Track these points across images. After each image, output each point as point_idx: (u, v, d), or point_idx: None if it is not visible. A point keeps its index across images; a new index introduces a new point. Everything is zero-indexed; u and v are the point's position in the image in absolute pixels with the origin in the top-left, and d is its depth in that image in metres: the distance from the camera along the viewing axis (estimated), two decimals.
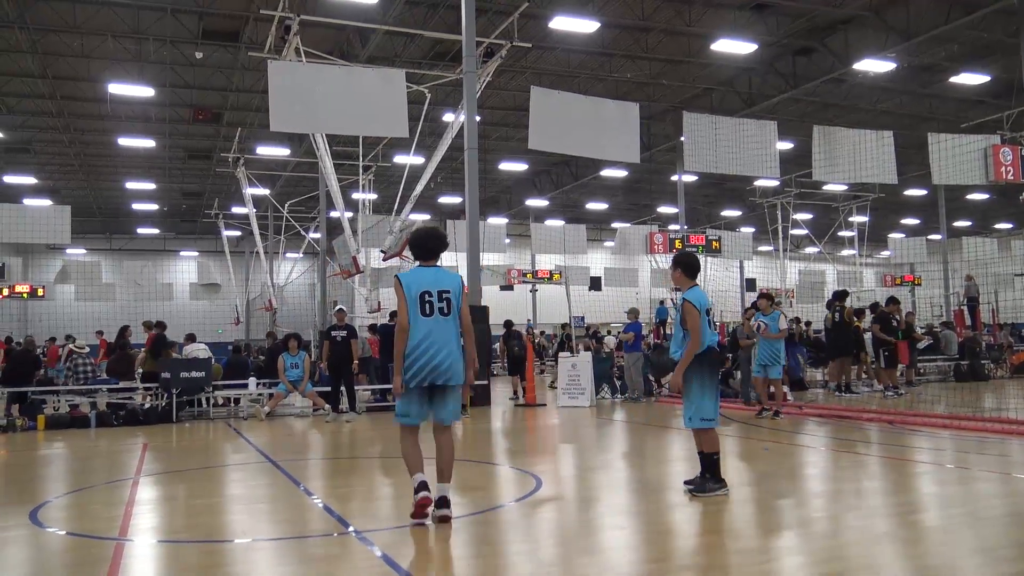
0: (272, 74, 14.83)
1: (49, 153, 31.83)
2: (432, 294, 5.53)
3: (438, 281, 5.60)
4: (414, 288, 5.55)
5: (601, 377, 16.66)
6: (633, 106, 17.43)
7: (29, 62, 22.38)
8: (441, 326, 5.55)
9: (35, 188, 35.29)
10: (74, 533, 5.94)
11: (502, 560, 5.02)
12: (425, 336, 5.51)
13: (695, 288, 6.66)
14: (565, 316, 22.50)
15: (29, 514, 6.38)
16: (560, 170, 35.74)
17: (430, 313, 5.52)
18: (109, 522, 6.14)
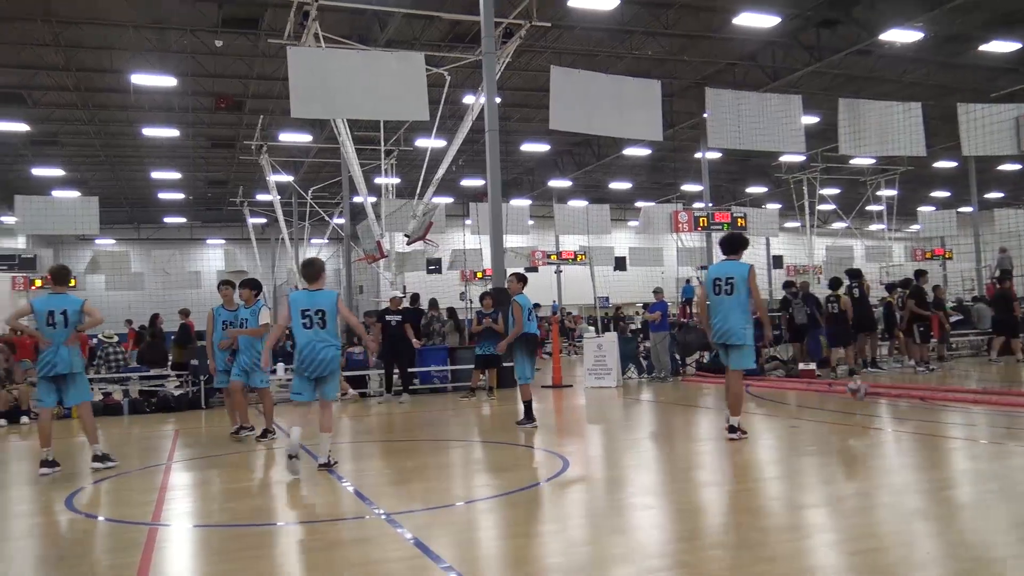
0: (292, 60, 14.83)
1: (76, 145, 32.16)
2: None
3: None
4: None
5: (627, 357, 16.61)
6: (655, 83, 17.24)
7: (53, 55, 22.56)
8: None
9: (63, 180, 35.72)
10: (109, 518, 6.05)
11: (532, 540, 5.03)
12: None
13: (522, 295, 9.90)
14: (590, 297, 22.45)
15: (65, 500, 6.49)
16: (582, 150, 35.52)
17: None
18: (143, 507, 6.24)
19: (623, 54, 24.24)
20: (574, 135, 30.99)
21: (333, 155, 28.40)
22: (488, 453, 8.74)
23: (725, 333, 8.09)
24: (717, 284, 8.18)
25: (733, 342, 8.07)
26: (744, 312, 8.06)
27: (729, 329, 8.06)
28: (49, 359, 7.71)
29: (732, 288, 8.04)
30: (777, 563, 4.27)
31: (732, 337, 8.05)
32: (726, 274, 8.15)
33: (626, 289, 35.61)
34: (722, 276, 8.17)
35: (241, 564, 4.67)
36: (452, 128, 20.29)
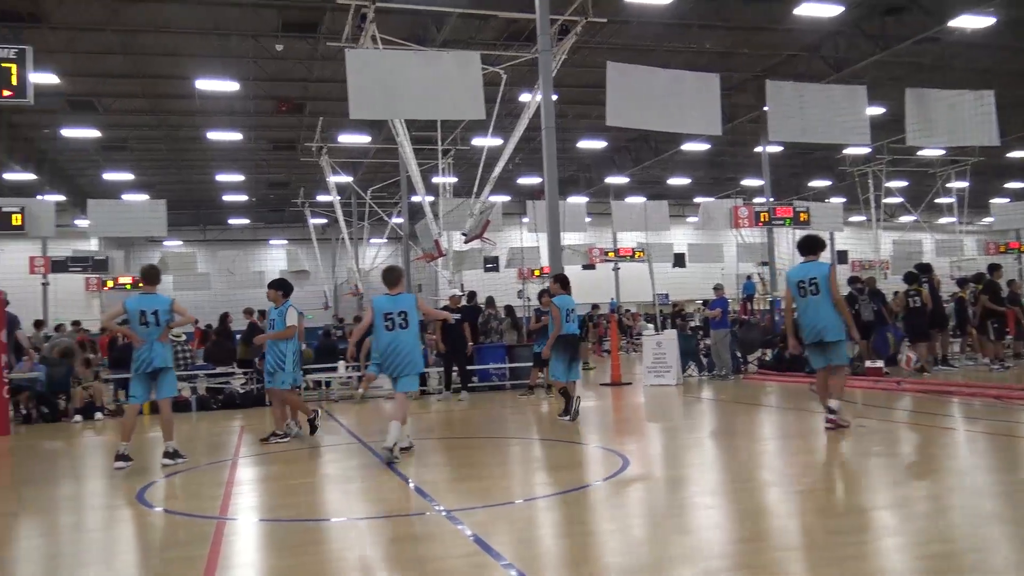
0: (350, 63, 15.02)
1: (144, 149, 33.14)
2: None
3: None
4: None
5: (687, 355, 16.42)
6: (713, 77, 16.97)
7: (122, 63, 23.30)
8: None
9: (132, 184, 36.86)
10: (178, 512, 6.22)
11: (591, 539, 5.01)
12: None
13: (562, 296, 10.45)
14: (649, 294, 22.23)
15: (136, 494, 6.70)
16: (639, 146, 35.21)
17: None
18: (211, 501, 6.40)
19: (680, 48, 23.95)
20: (631, 131, 30.75)
21: (391, 155, 28.72)
22: (547, 451, 8.73)
23: (821, 331, 8.23)
24: (801, 286, 8.38)
25: (830, 338, 8.22)
26: (833, 308, 8.22)
27: (824, 326, 8.21)
28: (145, 356, 8.08)
29: (817, 288, 8.25)
30: (845, 566, 4.17)
31: (828, 333, 8.20)
32: (808, 275, 8.35)
33: (685, 286, 35.18)
34: (805, 278, 8.37)
35: (305, 559, 4.75)
36: (508, 126, 20.33)
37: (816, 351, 8.46)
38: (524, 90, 22.41)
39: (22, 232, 23.76)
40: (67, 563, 5.02)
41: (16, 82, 11.95)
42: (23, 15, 19.82)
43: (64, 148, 31.79)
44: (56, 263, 33.91)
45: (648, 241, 31.05)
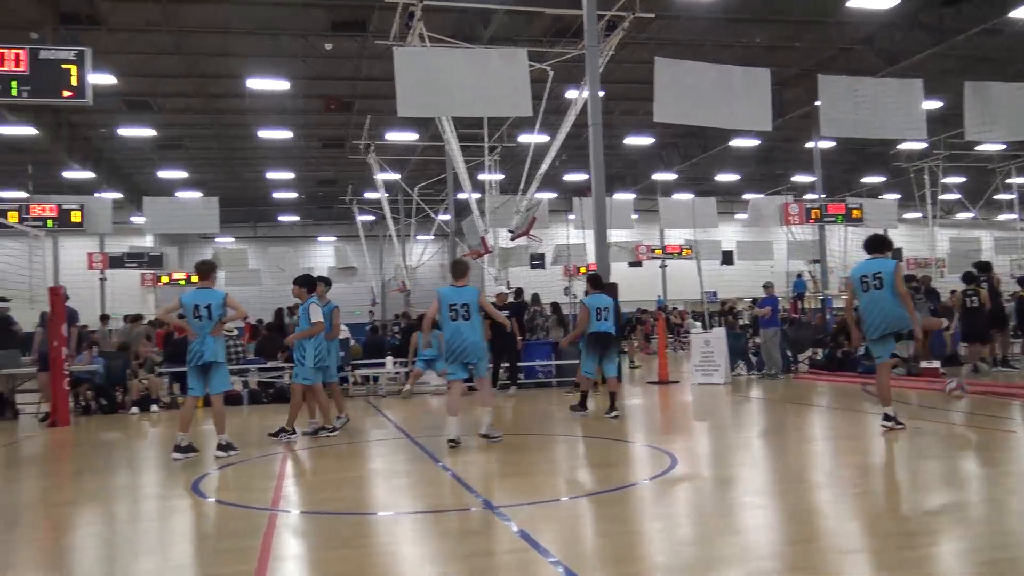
0: (398, 61, 15.13)
1: (197, 148, 33.83)
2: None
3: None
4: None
5: (736, 353, 16.23)
6: (763, 72, 16.72)
7: (176, 63, 23.82)
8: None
9: (186, 181, 37.66)
10: (232, 503, 6.35)
11: (638, 538, 4.98)
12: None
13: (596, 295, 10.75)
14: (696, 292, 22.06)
15: (191, 485, 6.85)
16: (688, 142, 34.85)
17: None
18: (263, 493, 6.51)
19: (730, 43, 23.64)
20: (679, 127, 30.36)
21: (438, 152, 28.89)
22: (594, 448, 8.71)
23: (890, 323, 8.16)
24: (864, 281, 8.31)
25: (903, 327, 8.19)
26: (896, 303, 8.16)
27: (893, 319, 8.14)
28: (197, 349, 8.24)
29: (881, 282, 8.18)
30: (900, 571, 4.08)
31: (901, 323, 8.16)
32: (873, 270, 8.29)
33: (734, 284, 34.74)
34: (869, 272, 8.31)
35: (354, 551, 4.81)
36: (555, 123, 20.28)
37: (882, 343, 8.33)
38: (571, 86, 22.32)
39: (81, 229, 24.49)
40: (123, 551, 5.16)
41: (76, 83, 12.28)
42: (82, 18, 20.37)
43: (121, 147, 32.60)
44: (113, 259, 34.85)
45: (696, 238, 30.71)
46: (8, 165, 30.17)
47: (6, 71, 12.07)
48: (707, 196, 33.33)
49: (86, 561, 5.04)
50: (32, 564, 4.92)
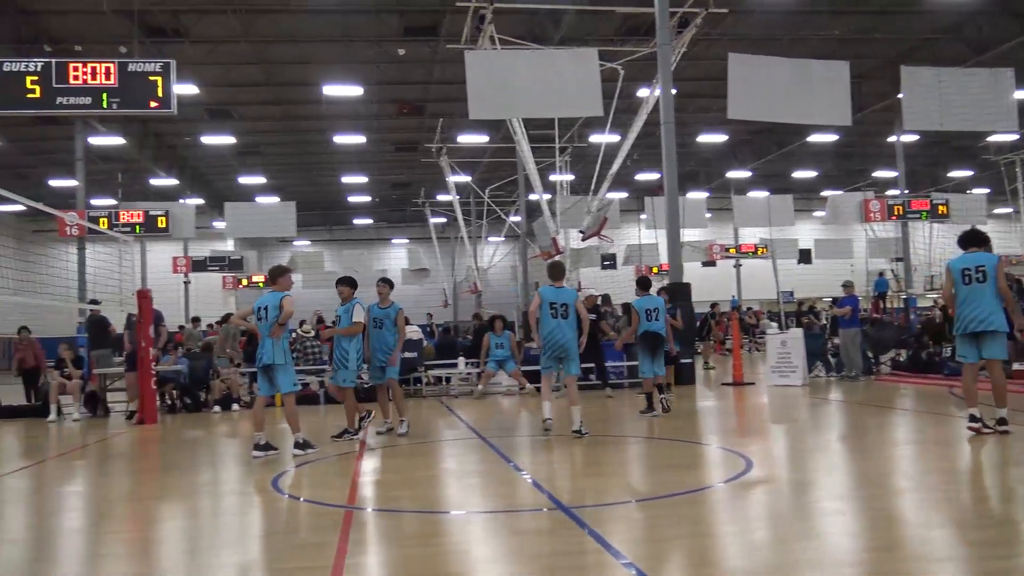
0: (469, 64, 15.26)
1: (275, 154, 34.77)
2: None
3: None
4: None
5: (814, 354, 15.81)
6: (842, 65, 16.25)
7: (255, 72, 24.54)
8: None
9: (265, 187, 38.74)
10: (309, 500, 6.49)
11: (712, 541, 4.90)
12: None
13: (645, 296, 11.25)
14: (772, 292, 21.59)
15: (271, 481, 7.04)
16: (763, 139, 34.14)
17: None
18: (339, 491, 6.65)
19: (807, 36, 23.07)
20: (753, 124, 29.73)
21: (509, 154, 29.00)
22: (667, 450, 8.61)
23: (983, 320, 7.90)
24: (966, 274, 8.06)
25: (992, 328, 7.90)
26: (998, 300, 7.93)
27: (988, 316, 7.89)
28: (259, 351, 8.49)
29: (984, 276, 7.95)
30: None
31: (992, 323, 7.89)
32: (976, 263, 8.05)
33: (811, 283, 33.89)
34: (971, 265, 8.07)
35: (428, 549, 4.86)
36: (626, 122, 20.13)
37: (970, 343, 8.04)
38: (642, 85, 22.12)
39: (166, 234, 25.42)
40: (206, 545, 5.33)
41: (162, 94, 12.77)
42: (167, 31, 21.18)
43: (203, 154, 33.77)
44: (196, 263, 36.09)
45: (772, 237, 30.06)
46: (99, 174, 31.51)
47: (97, 84, 12.63)
48: (783, 193, 32.54)
49: (170, 554, 5.22)
50: (120, 556, 5.13)
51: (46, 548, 5.41)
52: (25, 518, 6.42)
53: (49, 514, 6.49)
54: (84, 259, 24.26)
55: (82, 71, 12.60)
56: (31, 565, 4.98)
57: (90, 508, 6.74)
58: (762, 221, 28.25)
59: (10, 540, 5.68)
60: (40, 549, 5.37)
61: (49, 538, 5.68)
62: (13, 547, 5.45)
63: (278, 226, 27.16)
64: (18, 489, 7.67)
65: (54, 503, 6.97)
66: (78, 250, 24.67)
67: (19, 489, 7.67)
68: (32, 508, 6.79)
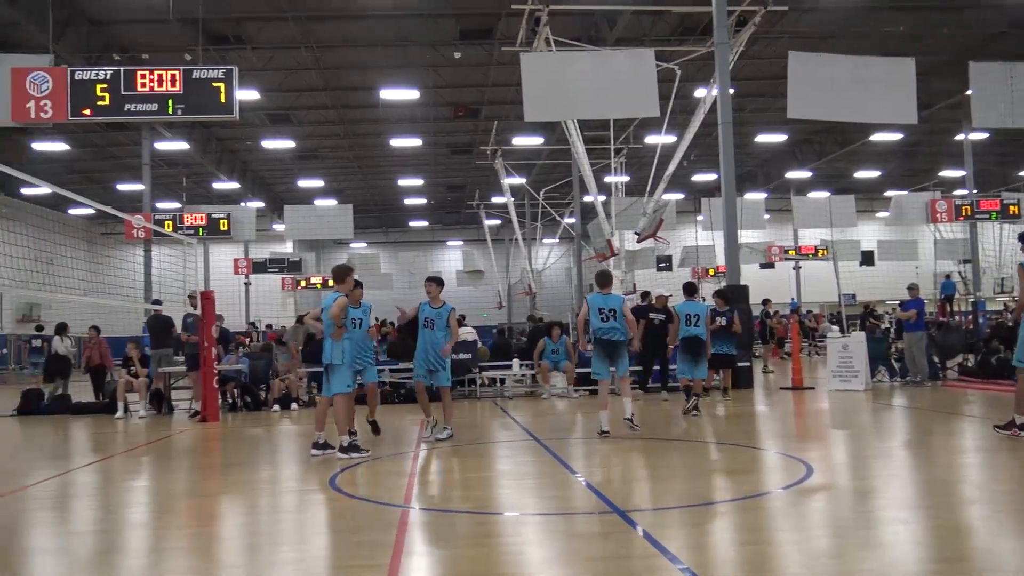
0: (525, 66, 15.28)
1: (333, 157, 35.35)
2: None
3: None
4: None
5: (877, 359, 15.42)
6: (907, 61, 15.83)
7: (314, 77, 24.98)
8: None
9: (323, 190, 39.41)
10: (367, 499, 6.57)
11: (771, 548, 4.81)
12: None
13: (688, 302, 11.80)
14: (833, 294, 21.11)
15: (329, 480, 7.14)
16: (823, 138, 33.45)
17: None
18: (395, 490, 6.71)
19: (869, 33, 22.55)
20: (814, 123, 29.13)
21: (564, 156, 28.97)
22: (724, 454, 8.48)
23: None
24: None
25: None
26: None
27: None
28: (321, 351, 8.56)
29: None
30: None
31: None
32: None
33: (874, 285, 33.06)
34: None
35: (482, 550, 4.88)
36: (683, 123, 19.93)
37: None
38: (699, 85, 21.89)
39: (228, 236, 26.02)
40: (265, 541, 5.44)
41: (225, 100, 13.06)
42: (230, 38, 21.70)
43: (264, 158, 34.50)
44: (256, 264, 36.88)
45: (833, 238, 29.43)
46: (165, 178, 32.49)
47: (164, 91, 12.99)
48: (845, 194, 31.84)
49: (231, 549, 5.34)
50: (182, 550, 5.26)
51: (114, 541, 5.58)
52: (94, 512, 6.63)
53: (117, 508, 6.70)
54: (150, 260, 25.01)
55: (149, 78, 12.97)
56: (101, 557, 5.14)
57: (155, 503, 6.93)
58: (823, 222, 27.70)
59: (81, 532, 5.88)
60: (109, 541, 5.54)
61: (117, 531, 5.86)
62: (84, 539, 5.64)
63: (336, 228, 27.60)
64: (88, 484, 7.93)
65: (121, 497, 7.19)
66: (144, 252, 25.44)
67: (88, 484, 7.93)
68: (101, 502, 7.02)
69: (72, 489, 7.62)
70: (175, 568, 4.88)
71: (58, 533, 5.91)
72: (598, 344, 9.35)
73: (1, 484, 7.57)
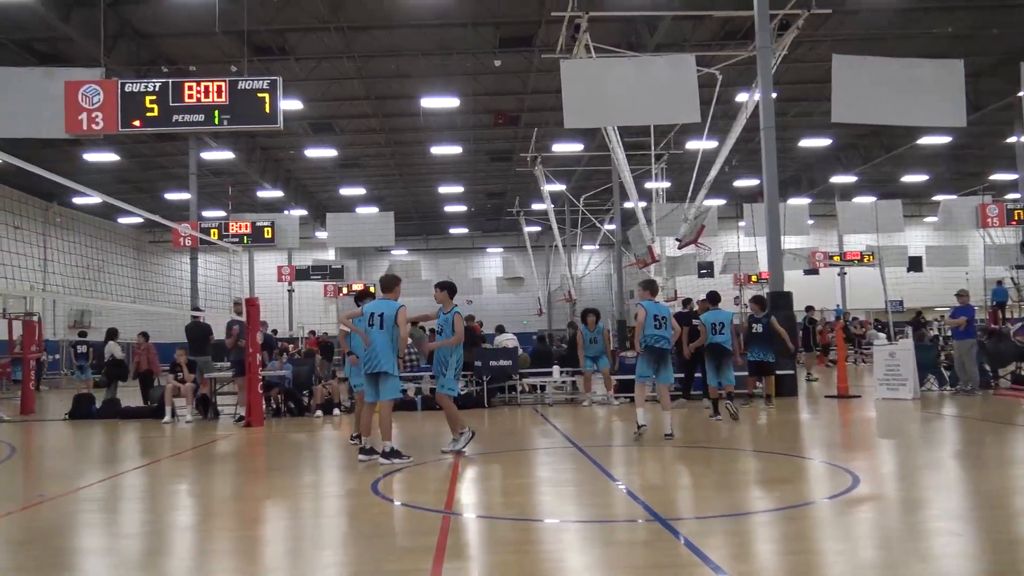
0: (565, 73, 15.29)
1: (375, 166, 35.70)
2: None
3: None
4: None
5: (926, 367, 15.09)
6: (955, 63, 15.52)
7: (356, 87, 25.28)
8: None
9: (364, 198, 39.82)
10: (409, 504, 6.61)
11: (816, 558, 4.73)
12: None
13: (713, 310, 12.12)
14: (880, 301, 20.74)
15: (371, 485, 7.20)
16: (869, 142, 32.91)
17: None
18: (437, 496, 6.74)
19: (916, 34, 22.14)
20: (859, 127, 28.78)
21: (604, 162, 28.90)
22: (768, 463, 8.37)
23: None
24: None
25: None
26: None
27: None
28: (368, 357, 8.49)
29: None
30: None
31: None
32: None
33: (922, 292, 32.41)
34: None
35: (522, 557, 4.87)
36: (724, 128, 19.77)
37: None
38: (741, 90, 21.70)
39: (272, 244, 26.43)
40: (308, 545, 5.49)
41: (269, 110, 13.28)
42: (274, 49, 22.08)
43: (306, 167, 34.98)
44: (299, 271, 37.39)
45: (879, 244, 28.90)
46: (211, 187, 33.11)
47: (210, 102, 13.25)
48: (891, 198, 31.27)
49: (274, 552, 5.40)
50: (227, 553, 5.34)
51: (162, 542, 5.69)
52: (142, 514, 6.77)
53: (164, 510, 6.83)
54: (196, 268, 25.48)
55: (196, 90, 13.24)
56: (149, 558, 5.25)
57: (201, 506, 7.05)
58: (869, 227, 27.23)
59: (129, 534, 6.00)
60: (156, 543, 5.65)
61: (164, 533, 5.98)
62: (132, 541, 5.76)
63: (377, 235, 27.85)
64: (136, 487, 8.10)
65: (168, 500, 7.33)
66: (190, 259, 25.94)
67: (137, 487, 8.10)
68: (148, 505, 7.16)
69: (121, 492, 7.78)
70: (220, 570, 4.96)
71: (108, 534, 6.04)
72: (648, 351, 9.75)
73: (54, 486, 7.77)
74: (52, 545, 5.53)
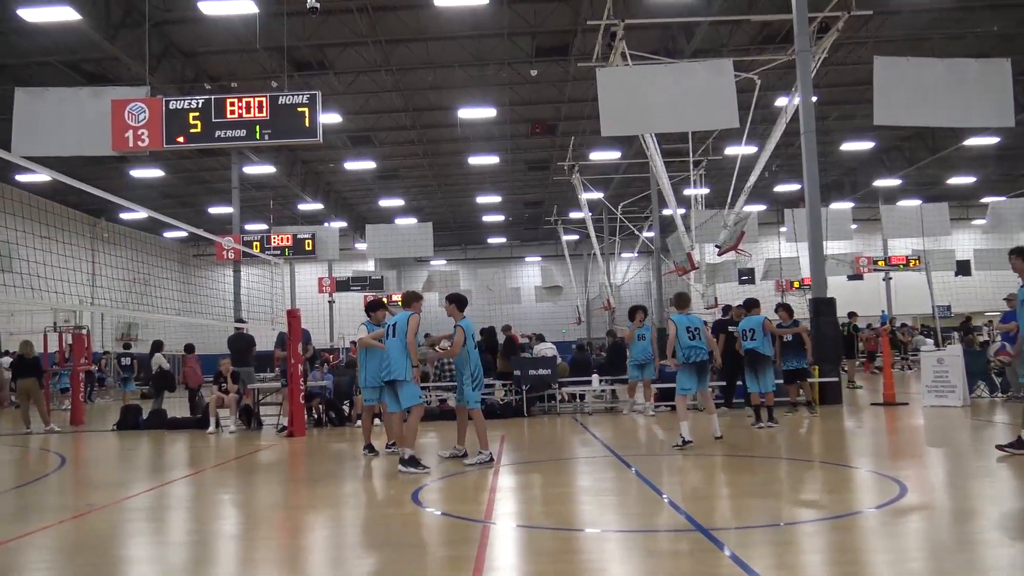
0: (601, 81, 15.27)
1: (413, 177, 35.98)
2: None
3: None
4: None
5: (976, 373, 14.72)
6: (1001, 62, 15.19)
7: (394, 99, 25.52)
8: None
9: (403, 209, 40.13)
10: (448, 514, 6.62)
11: (863, 569, 4.63)
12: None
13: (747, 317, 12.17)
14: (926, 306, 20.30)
15: (412, 495, 7.22)
16: (913, 144, 32.29)
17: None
18: (476, 505, 6.74)
19: (960, 34, 21.71)
20: (903, 129, 28.30)
21: (642, 170, 28.77)
22: (813, 472, 8.23)
23: None
24: None
25: None
26: None
27: None
28: (384, 365, 8.82)
29: None
30: None
31: None
32: None
33: (972, 296, 31.67)
34: None
35: (563, 566, 4.85)
36: (763, 133, 19.57)
37: None
38: (780, 94, 21.47)
39: (312, 256, 26.75)
40: (349, 555, 5.53)
41: (309, 124, 13.46)
42: (314, 64, 22.40)
43: (346, 179, 35.38)
44: (339, 283, 37.74)
45: (925, 248, 28.29)
46: (253, 200, 33.65)
47: (251, 117, 13.47)
48: (937, 201, 30.63)
49: (316, 561, 5.44)
50: (269, 561, 5.40)
51: (207, 551, 5.77)
52: (187, 523, 6.87)
53: (208, 520, 6.93)
54: (239, 280, 25.89)
55: (237, 106, 13.47)
56: (193, 566, 5.32)
57: (244, 515, 7.13)
58: (914, 231, 26.69)
59: (175, 543, 6.10)
60: (202, 552, 5.73)
61: (209, 542, 6.06)
62: (178, 549, 5.85)
63: (416, 246, 28.04)
64: (181, 496, 8.23)
65: (212, 509, 7.44)
66: (233, 272, 26.36)
67: (182, 496, 8.23)
68: (193, 514, 7.27)
69: (166, 501, 7.91)
70: None
71: (154, 543, 6.14)
72: (688, 365, 9.92)
73: (102, 496, 7.93)
74: (100, 554, 5.64)
